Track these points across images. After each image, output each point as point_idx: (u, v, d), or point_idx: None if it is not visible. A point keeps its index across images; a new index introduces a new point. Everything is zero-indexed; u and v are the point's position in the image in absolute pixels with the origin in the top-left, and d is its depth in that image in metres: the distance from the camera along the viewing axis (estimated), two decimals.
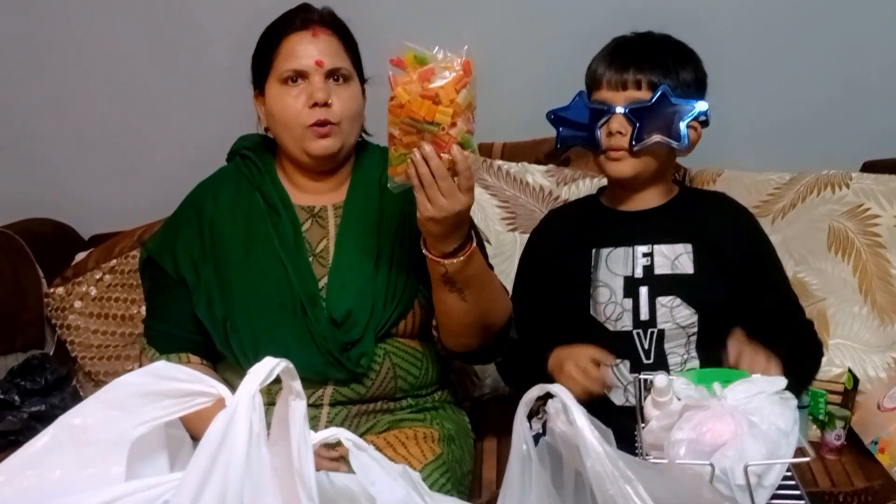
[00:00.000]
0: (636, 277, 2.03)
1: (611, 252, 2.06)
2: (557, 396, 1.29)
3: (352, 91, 2.04)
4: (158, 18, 2.95)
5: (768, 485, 1.45)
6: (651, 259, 2.04)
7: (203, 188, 2.16)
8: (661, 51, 2.02)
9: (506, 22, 2.87)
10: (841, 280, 2.45)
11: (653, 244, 2.05)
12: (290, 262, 2.01)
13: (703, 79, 2.06)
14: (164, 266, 2.06)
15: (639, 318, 2.01)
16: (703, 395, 1.51)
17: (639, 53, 2.00)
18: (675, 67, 1.99)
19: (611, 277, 2.04)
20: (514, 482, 1.35)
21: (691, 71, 2.02)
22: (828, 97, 2.83)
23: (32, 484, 1.17)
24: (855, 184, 2.55)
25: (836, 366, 2.33)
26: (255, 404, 1.08)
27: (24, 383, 2.46)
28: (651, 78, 1.97)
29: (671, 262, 2.03)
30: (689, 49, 2.07)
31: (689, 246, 2.04)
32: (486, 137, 2.76)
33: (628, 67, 1.98)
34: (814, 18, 2.80)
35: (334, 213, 2.09)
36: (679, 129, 1.95)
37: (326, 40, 2.02)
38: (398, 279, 2.04)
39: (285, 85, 2.00)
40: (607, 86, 2.00)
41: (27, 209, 2.91)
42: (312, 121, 1.98)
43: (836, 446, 2.22)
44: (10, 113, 3.03)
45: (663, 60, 1.99)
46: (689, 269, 2.02)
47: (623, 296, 2.03)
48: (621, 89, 1.98)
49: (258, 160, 2.13)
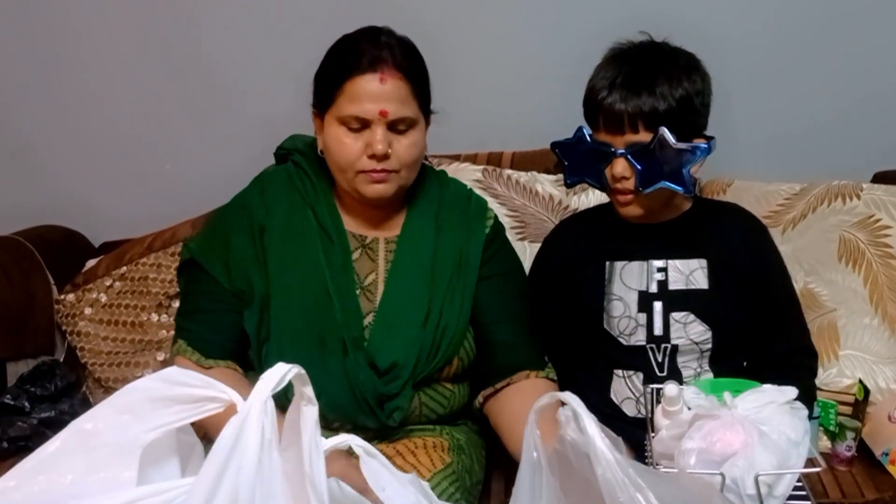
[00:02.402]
0: (651, 292, 2.02)
1: (625, 266, 2.05)
2: (568, 404, 1.29)
3: (414, 138, 1.95)
4: (168, 28, 2.95)
5: (779, 495, 1.45)
6: (665, 274, 2.02)
7: (255, 193, 2.06)
8: (657, 73, 1.89)
9: (517, 32, 2.87)
10: (851, 291, 2.44)
11: (667, 259, 2.03)
12: (338, 295, 1.94)
13: (702, 93, 1.93)
14: (213, 274, 1.99)
15: (652, 332, 2.01)
16: (714, 405, 1.51)
17: (632, 83, 1.88)
18: (671, 92, 1.87)
19: (625, 291, 2.03)
20: (524, 490, 1.35)
21: (689, 90, 1.89)
22: (839, 108, 2.83)
23: (43, 489, 1.17)
24: (866, 194, 2.55)
25: (847, 377, 2.32)
26: (267, 409, 1.08)
27: (33, 389, 2.46)
28: (646, 115, 1.85)
29: (686, 277, 2.02)
30: (687, 60, 1.95)
31: (703, 261, 2.03)
32: (495, 147, 2.77)
33: (622, 104, 1.86)
34: (825, 29, 2.80)
35: (385, 248, 2.04)
36: (683, 174, 1.87)
37: (395, 86, 1.89)
38: (447, 329, 1.98)
39: (345, 127, 1.90)
40: (604, 127, 1.91)
41: (37, 216, 2.92)
42: (368, 168, 1.90)
43: (847, 457, 2.21)
44: (20, 121, 3.04)
45: (658, 87, 1.87)
46: (703, 285, 2.01)
47: (637, 310, 2.02)
48: (619, 132, 1.89)
49: (314, 177, 2.04)
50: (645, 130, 1.86)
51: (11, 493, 1.16)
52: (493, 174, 2.66)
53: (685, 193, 1.92)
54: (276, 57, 2.79)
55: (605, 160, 1.91)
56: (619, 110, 1.86)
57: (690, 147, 1.85)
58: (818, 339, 2.36)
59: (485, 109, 2.85)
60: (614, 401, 2.04)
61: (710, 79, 1.95)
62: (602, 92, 1.89)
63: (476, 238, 2.07)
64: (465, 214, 2.10)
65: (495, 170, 2.68)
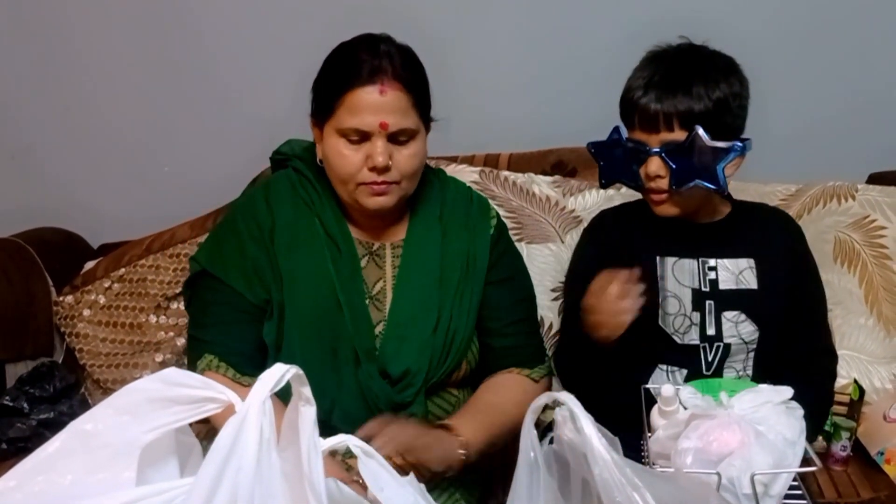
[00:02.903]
0: (704, 290, 2.02)
1: (676, 262, 2.05)
2: (565, 404, 1.29)
3: (414, 149, 1.91)
4: (167, 30, 2.95)
5: (775, 494, 1.46)
6: (716, 273, 2.03)
7: (259, 198, 2.02)
8: (693, 74, 1.89)
9: (515, 34, 2.88)
10: (847, 291, 2.45)
11: (717, 258, 2.03)
12: (348, 305, 1.92)
13: (739, 96, 1.92)
14: (232, 285, 1.93)
15: (706, 332, 2.01)
16: (710, 405, 1.52)
17: (668, 84, 1.88)
18: (707, 93, 1.87)
19: (679, 288, 2.03)
20: (521, 490, 1.35)
21: (727, 92, 1.89)
22: (834, 109, 2.83)
23: (43, 489, 1.17)
24: (861, 195, 2.56)
25: (842, 377, 2.33)
26: (266, 410, 1.08)
27: (32, 391, 2.47)
28: (682, 115, 1.86)
29: (736, 276, 2.03)
30: (725, 63, 1.95)
31: (751, 261, 2.04)
32: (492, 148, 2.77)
33: (658, 104, 1.87)
34: (821, 31, 2.80)
35: (392, 253, 2.02)
36: (717, 172, 1.86)
37: (395, 97, 1.85)
38: (456, 333, 1.97)
39: (345, 139, 1.86)
40: (639, 126, 1.91)
41: (36, 218, 2.92)
42: (369, 181, 1.87)
43: (843, 457, 2.22)
44: (19, 123, 3.04)
45: (695, 88, 1.87)
46: (753, 285, 2.02)
47: (692, 308, 2.01)
48: (654, 131, 1.89)
49: (318, 185, 2.01)
50: (680, 129, 1.86)
51: (11, 493, 1.16)
52: (490, 176, 2.66)
53: (718, 192, 1.92)
54: (275, 59, 2.79)
55: (639, 159, 1.92)
56: (655, 109, 1.87)
57: (725, 146, 1.85)
58: None
59: (482, 111, 2.86)
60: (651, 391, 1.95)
61: (748, 83, 1.96)
62: (638, 91, 1.91)
63: (481, 238, 2.06)
64: (468, 215, 2.09)
65: (492, 171, 2.68)
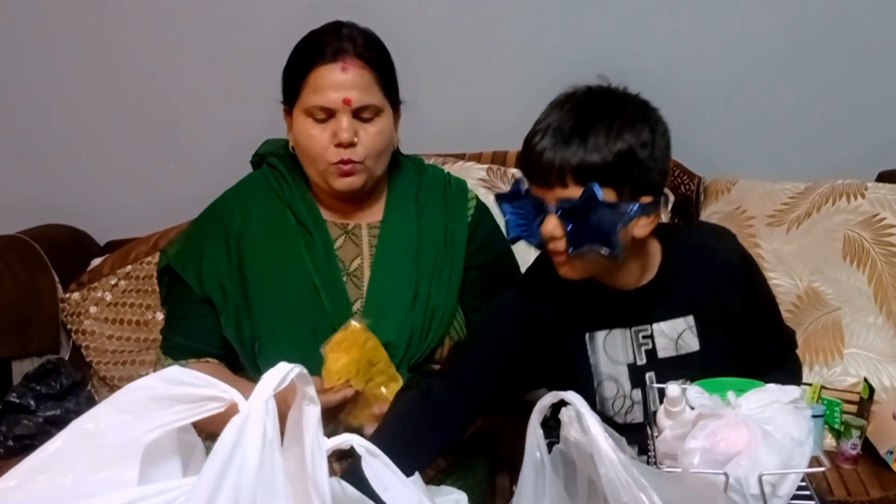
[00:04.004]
0: (640, 364, 1.80)
1: (607, 335, 1.81)
2: (571, 404, 1.29)
3: (380, 126, 1.96)
4: (174, 24, 2.95)
5: (783, 494, 1.44)
6: (652, 341, 1.80)
7: (230, 199, 2.10)
8: (593, 122, 1.62)
9: (522, 32, 2.87)
10: (856, 289, 2.44)
11: (650, 324, 1.80)
12: (325, 287, 1.97)
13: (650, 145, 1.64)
14: (187, 280, 2.02)
15: (649, 409, 1.76)
16: (717, 404, 1.51)
17: (564, 132, 1.62)
18: (607, 143, 1.60)
19: (613, 368, 1.81)
20: (527, 490, 1.35)
21: (632, 142, 1.62)
22: (843, 107, 2.82)
23: (44, 488, 1.17)
24: (870, 193, 2.54)
25: (852, 375, 2.33)
26: (269, 409, 1.08)
27: (39, 388, 2.47)
28: (575, 168, 1.60)
29: (675, 342, 1.80)
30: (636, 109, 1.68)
31: (689, 318, 1.80)
32: (499, 146, 2.76)
33: (551, 154, 1.61)
34: (829, 28, 2.79)
35: (369, 233, 2.06)
36: (611, 236, 1.61)
37: (357, 74, 1.92)
38: (436, 309, 2.01)
39: (311, 118, 1.93)
40: (535, 180, 1.66)
41: (43, 215, 2.92)
42: (336, 159, 1.92)
43: (852, 456, 2.21)
44: (26, 119, 3.05)
45: (592, 138, 1.60)
46: (694, 347, 1.79)
47: (631, 387, 1.81)
48: (547, 186, 1.63)
49: (288, 175, 2.07)
50: (575, 185, 1.61)
51: (12, 493, 1.16)
52: (497, 173, 2.66)
53: (612, 257, 1.62)
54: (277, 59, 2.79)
55: (539, 216, 1.67)
56: (548, 160, 1.62)
57: (622, 207, 1.61)
58: (823, 338, 2.36)
59: (490, 108, 2.86)
60: None
61: (664, 128, 1.69)
62: (535, 138, 1.65)
63: (459, 219, 2.10)
64: (445, 196, 2.13)
65: (500, 168, 2.68)
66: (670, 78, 2.73)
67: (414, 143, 2.33)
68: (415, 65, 2.39)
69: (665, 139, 1.68)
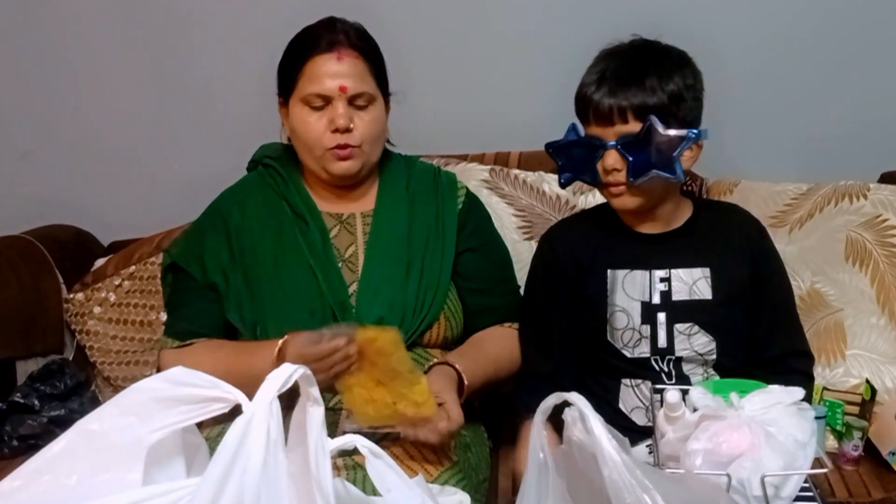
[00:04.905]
0: (654, 303, 1.99)
1: (627, 275, 2.01)
2: (575, 405, 1.29)
3: (374, 114, 2.04)
4: (176, 29, 2.96)
5: (785, 496, 1.45)
6: (668, 284, 1.99)
7: (228, 197, 2.17)
8: (646, 68, 1.90)
9: (525, 32, 2.88)
10: (858, 291, 2.43)
11: (670, 268, 2.00)
12: (321, 271, 2.03)
13: (693, 88, 1.95)
14: (190, 271, 2.08)
15: (656, 345, 1.98)
16: (720, 406, 1.51)
17: (621, 78, 1.90)
18: (661, 85, 1.88)
19: (628, 302, 1.99)
20: (530, 491, 1.35)
21: (680, 84, 1.91)
22: (845, 108, 2.82)
23: (48, 489, 1.17)
24: (873, 195, 2.54)
25: (854, 377, 2.32)
26: (273, 410, 1.08)
27: (43, 388, 2.47)
28: (636, 107, 1.87)
29: (689, 287, 1.99)
30: (678, 56, 1.97)
31: (706, 270, 1.99)
32: (502, 146, 2.76)
33: (611, 98, 1.88)
34: (832, 28, 2.79)
35: (362, 221, 2.12)
36: (673, 162, 1.86)
37: (351, 63, 2.01)
38: (427, 289, 2.06)
39: (308, 107, 2.01)
40: (594, 120, 1.91)
41: (47, 216, 2.92)
42: (333, 145, 2.00)
43: (854, 457, 2.20)
44: (30, 121, 3.05)
45: (648, 81, 1.88)
46: (707, 295, 1.98)
47: (641, 322, 1.98)
48: (608, 124, 1.89)
49: (282, 170, 2.14)
50: (635, 121, 1.87)
51: (16, 493, 1.16)
52: (500, 174, 2.66)
53: (675, 181, 1.91)
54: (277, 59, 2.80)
55: (596, 154, 1.91)
56: (609, 104, 1.88)
57: (679, 134, 1.86)
58: (825, 339, 2.36)
59: (492, 109, 2.86)
60: (623, 410, 2.00)
61: (701, 75, 1.98)
62: (591, 87, 1.91)
63: (449, 208, 2.17)
64: (435, 185, 2.20)
65: (502, 169, 2.68)
66: None
67: (416, 144, 2.34)
68: (416, 66, 2.41)
69: (701, 81, 1.97)
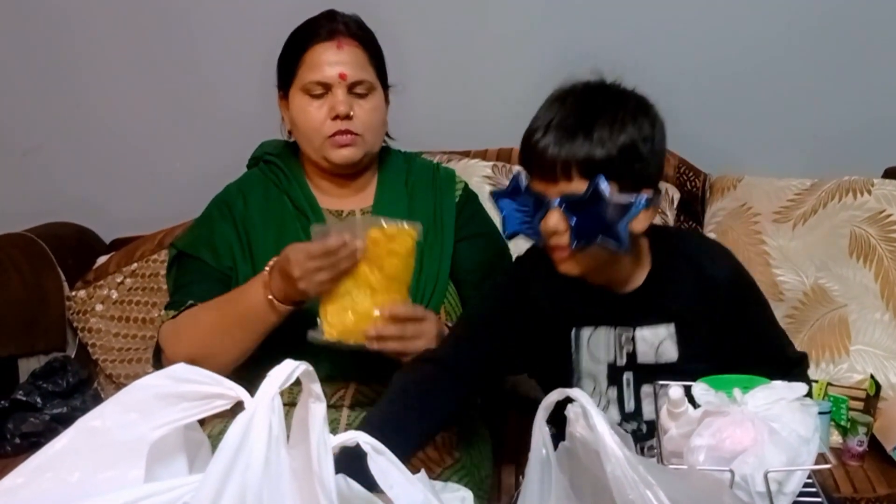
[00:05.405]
0: (619, 365, 1.79)
1: (592, 333, 1.80)
2: (577, 401, 1.28)
3: (374, 102, 2.05)
4: (178, 27, 2.96)
5: (789, 491, 1.44)
6: (633, 345, 1.78)
7: (233, 188, 2.16)
8: (597, 116, 1.63)
9: (524, 27, 2.88)
10: (862, 286, 2.44)
11: (634, 327, 1.78)
12: None
13: (650, 140, 1.65)
14: (201, 257, 2.06)
15: (624, 409, 1.80)
16: (723, 402, 1.50)
17: (568, 127, 1.62)
18: (612, 137, 1.61)
19: (594, 366, 1.80)
20: (533, 487, 1.34)
21: (635, 136, 1.63)
22: (850, 103, 2.82)
23: (51, 486, 1.17)
24: (877, 190, 2.54)
25: (858, 372, 2.32)
26: (275, 407, 1.07)
27: (45, 385, 2.48)
28: (582, 162, 1.59)
29: (655, 349, 1.78)
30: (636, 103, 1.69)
31: (671, 327, 1.77)
32: (504, 143, 2.76)
33: (556, 148, 1.60)
34: (835, 23, 2.79)
35: None
36: (619, 230, 1.59)
37: (351, 52, 2.02)
38: (427, 282, 2.05)
39: (308, 95, 2.01)
40: (537, 174, 1.65)
41: (49, 214, 2.93)
42: (333, 131, 2.00)
43: (859, 452, 2.20)
44: (33, 119, 3.06)
45: (598, 132, 1.61)
46: (673, 356, 1.77)
47: (607, 385, 1.80)
48: (552, 180, 1.62)
49: (284, 166, 2.14)
50: (580, 179, 1.60)
51: (18, 490, 1.16)
52: (502, 170, 2.66)
53: (620, 251, 1.63)
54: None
55: (538, 210, 1.66)
56: (553, 155, 1.61)
57: (628, 200, 1.60)
58: (829, 335, 2.36)
59: (494, 106, 2.86)
60: None
61: (662, 126, 1.70)
62: (537, 134, 1.64)
63: (447, 202, 2.17)
64: (434, 180, 2.19)
65: (505, 166, 2.68)
66: (676, 74, 2.73)
67: (419, 140, 2.34)
68: (419, 62, 2.40)
69: (662, 133, 1.69)
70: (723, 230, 2.60)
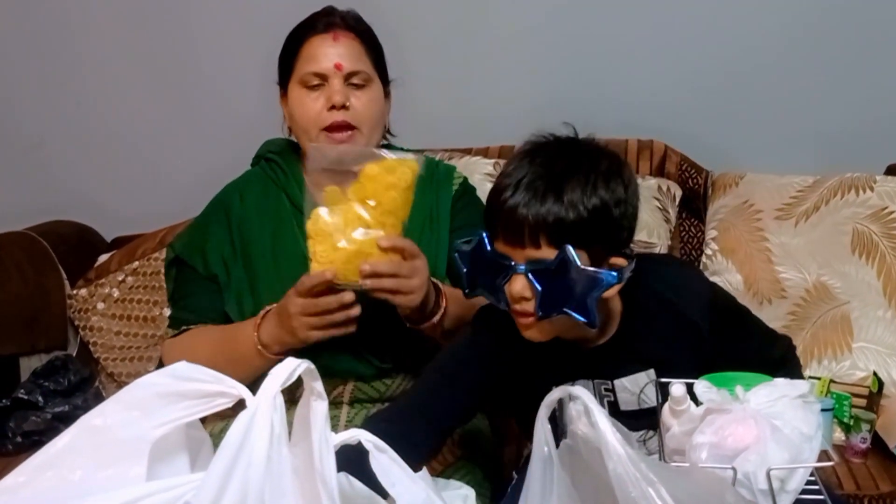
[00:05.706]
0: None
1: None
2: (579, 399, 1.28)
3: (371, 94, 2.04)
4: (180, 26, 2.96)
5: (791, 489, 1.44)
6: (614, 395, 1.72)
7: (231, 189, 2.17)
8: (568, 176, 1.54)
9: (526, 24, 2.87)
10: (865, 283, 2.43)
11: (612, 379, 1.71)
12: None
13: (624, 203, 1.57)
14: (193, 265, 2.07)
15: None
16: (726, 399, 1.50)
17: (538, 189, 1.53)
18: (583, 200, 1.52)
19: None
20: (535, 485, 1.34)
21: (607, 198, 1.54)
22: (852, 100, 2.82)
23: (53, 485, 1.17)
24: (879, 187, 2.54)
25: (861, 369, 2.32)
26: (277, 405, 1.07)
27: (47, 384, 2.48)
28: (551, 228, 1.51)
29: (637, 397, 1.72)
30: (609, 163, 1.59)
31: (651, 372, 1.70)
32: (506, 140, 2.76)
33: (525, 210, 1.52)
34: (838, 21, 2.79)
35: None
36: (588, 304, 1.51)
37: (347, 44, 2.02)
38: None
39: (305, 87, 2.01)
40: (503, 236, 1.56)
41: (50, 212, 2.93)
42: (329, 122, 1.99)
43: (862, 449, 2.20)
44: (34, 118, 3.06)
45: (568, 194, 1.52)
46: (654, 401, 1.68)
47: None
48: (518, 245, 1.54)
49: (283, 163, 2.13)
50: (548, 246, 1.52)
51: (20, 489, 1.16)
52: None
53: (588, 325, 1.54)
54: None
55: (502, 274, 1.57)
56: (521, 217, 1.52)
57: (597, 274, 1.52)
58: (831, 332, 2.36)
59: (496, 103, 2.86)
60: None
61: (636, 185, 1.62)
62: (506, 192, 1.55)
63: (444, 195, 2.16)
64: (433, 175, 2.18)
65: None
66: (679, 71, 2.72)
67: (420, 138, 2.34)
68: (421, 60, 2.40)
69: (636, 195, 1.62)
70: (725, 227, 2.60)
